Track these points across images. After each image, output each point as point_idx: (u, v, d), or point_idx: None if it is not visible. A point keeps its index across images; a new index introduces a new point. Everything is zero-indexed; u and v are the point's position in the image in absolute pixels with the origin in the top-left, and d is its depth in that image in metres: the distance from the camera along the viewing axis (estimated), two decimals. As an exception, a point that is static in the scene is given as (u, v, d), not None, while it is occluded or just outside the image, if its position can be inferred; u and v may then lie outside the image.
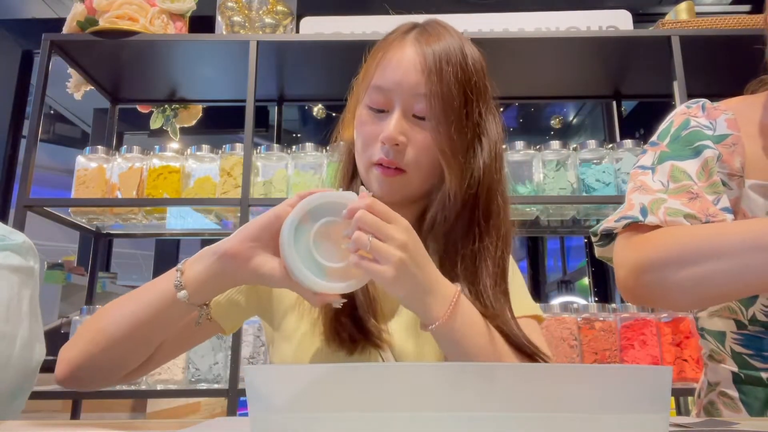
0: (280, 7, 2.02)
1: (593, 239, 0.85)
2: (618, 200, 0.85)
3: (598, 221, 1.96)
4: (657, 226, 0.73)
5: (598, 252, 0.86)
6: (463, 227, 0.74)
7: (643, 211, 0.75)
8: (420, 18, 0.82)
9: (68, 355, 0.68)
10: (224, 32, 2.02)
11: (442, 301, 0.63)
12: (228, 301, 0.77)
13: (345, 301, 0.62)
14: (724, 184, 0.79)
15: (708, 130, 0.82)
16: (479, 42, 0.81)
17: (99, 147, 1.86)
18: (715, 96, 0.93)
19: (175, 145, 1.98)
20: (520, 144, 1.79)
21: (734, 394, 0.83)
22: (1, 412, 0.83)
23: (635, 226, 0.76)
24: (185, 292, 0.64)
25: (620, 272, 0.75)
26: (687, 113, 0.85)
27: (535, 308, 0.81)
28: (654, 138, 0.86)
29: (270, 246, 0.63)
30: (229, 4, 2.02)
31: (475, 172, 0.74)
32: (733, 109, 0.84)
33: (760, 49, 0.84)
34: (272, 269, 0.62)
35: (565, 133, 6.13)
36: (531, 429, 0.33)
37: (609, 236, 0.82)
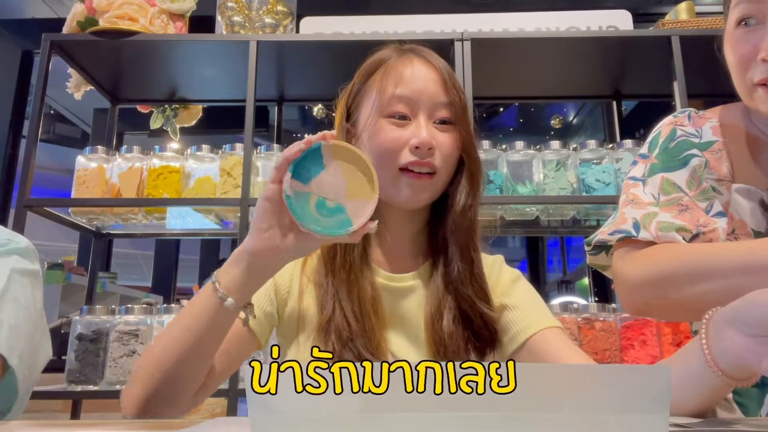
0: (280, 7, 2.02)
1: (586, 248, 0.88)
2: (618, 201, 0.86)
3: (598, 221, 1.97)
4: (650, 242, 0.76)
5: (589, 260, 0.89)
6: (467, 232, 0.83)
7: (636, 227, 0.77)
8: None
9: (132, 391, 0.69)
10: (224, 32, 2.02)
11: None
12: (264, 315, 0.80)
13: (376, 222, 0.64)
14: (714, 189, 0.82)
15: (695, 138, 0.85)
16: (479, 42, 0.82)
17: (99, 147, 1.86)
18: (715, 96, 0.94)
19: (175, 145, 1.97)
20: (520, 144, 1.79)
21: (729, 395, 0.83)
22: (11, 410, 0.84)
23: (629, 241, 0.78)
24: (232, 300, 0.65)
25: (621, 288, 0.77)
26: (674, 123, 0.88)
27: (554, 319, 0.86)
28: (644, 150, 0.89)
29: (284, 222, 0.64)
30: (229, 4, 2.02)
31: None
32: (718, 117, 0.88)
33: None
34: (299, 243, 0.65)
35: (565, 133, 6.13)
36: (531, 429, 0.33)
37: (601, 246, 0.85)
